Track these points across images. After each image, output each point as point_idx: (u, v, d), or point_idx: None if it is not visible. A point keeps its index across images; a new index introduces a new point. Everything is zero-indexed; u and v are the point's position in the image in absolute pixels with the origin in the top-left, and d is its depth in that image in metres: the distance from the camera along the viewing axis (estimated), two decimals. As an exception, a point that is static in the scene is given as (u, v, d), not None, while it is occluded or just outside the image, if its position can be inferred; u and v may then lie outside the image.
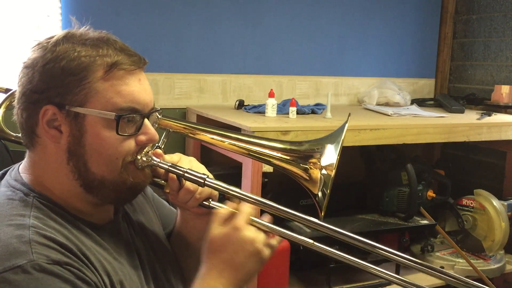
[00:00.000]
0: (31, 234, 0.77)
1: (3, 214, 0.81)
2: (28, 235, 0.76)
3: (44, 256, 0.75)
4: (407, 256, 0.89)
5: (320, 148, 1.00)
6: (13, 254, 0.74)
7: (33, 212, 0.81)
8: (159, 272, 1.00)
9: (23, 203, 0.83)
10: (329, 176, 0.97)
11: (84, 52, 0.83)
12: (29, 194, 0.85)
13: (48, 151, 0.86)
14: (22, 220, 0.79)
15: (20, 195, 0.85)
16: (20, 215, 0.80)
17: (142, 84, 0.88)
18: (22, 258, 0.73)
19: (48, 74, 0.83)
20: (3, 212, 0.81)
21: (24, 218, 0.80)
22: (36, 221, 0.80)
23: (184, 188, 0.96)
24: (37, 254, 0.74)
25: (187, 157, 1.00)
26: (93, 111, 0.83)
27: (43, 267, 0.73)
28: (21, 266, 0.72)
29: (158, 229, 1.09)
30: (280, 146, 1.03)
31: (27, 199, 0.84)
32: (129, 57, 0.86)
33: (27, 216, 0.80)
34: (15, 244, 0.75)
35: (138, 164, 0.89)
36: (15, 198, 0.84)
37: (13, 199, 0.84)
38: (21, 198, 0.84)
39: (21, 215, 0.80)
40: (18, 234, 0.76)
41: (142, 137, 0.89)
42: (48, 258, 0.75)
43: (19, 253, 0.74)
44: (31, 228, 0.78)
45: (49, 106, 0.83)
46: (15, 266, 0.72)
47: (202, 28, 2.39)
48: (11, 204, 0.83)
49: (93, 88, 0.83)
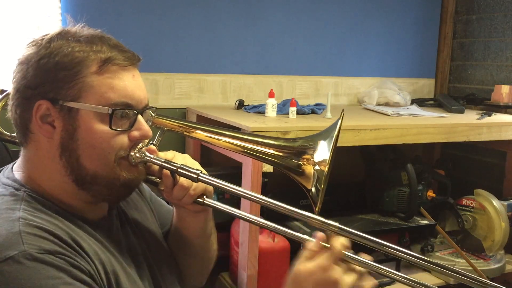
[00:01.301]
0: (21, 226, 0.77)
1: None
2: (18, 227, 0.76)
3: (35, 246, 0.75)
4: (413, 253, 0.88)
5: (313, 144, 1.00)
6: (4, 245, 0.74)
7: (23, 206, 0.82)
8: (155, 270, 1.00)
9: (14, 197, 0.83)
10: (322, 172, 0.97)
11: (78, 47, 0.84)
12: (19, 189, 0.85)
13: (41, 146, 0.86)
14: (12, 213, 0.79)
15: (11, 190, 0.85)
16: (10, 209, 0.80)
17: (136, 80, 0.88)
18: (13, 249, 0.73)
19: (42, 70, 0.83)
20: None
21: (14, 212, 0.80)
22: (26, 213, 0.80)
23: (178, 185, 0.96)
24: (28, 245, 0.74)
25: (181, 154, 1.00)
26: (87, 106, 0.83)
27: (35, 257, 0.73)
28: (13, 256, 0.72)
29: (154, 227, 1.09)
30: (274, 143, 1.04)
31: (18, 193, 0.84)
32: (123, 53, 0.87)
33: (17, 209, 0.80)
34: (6, 236, 0.75)
35: (132, 160, 0.89)
36: (6, 193, 0.84)
37: (4, 195, 0.84)
38: (11, 193, 0.84)
39: (11, 209, 0.80)
40: (8, 226, 0.77)
41: (136, 133, 0.89)
42: (40, 248, 0.75)
43: (10, 244, 0.74)
44: (20, 219, 0.78)
45: (43, 101, 0.83)
46: (6, 257, 0.72)
47: (202, 28, 2.39)
48: (2, 200, 0.83)
49: (87, 83, 0.83)
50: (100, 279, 0.82)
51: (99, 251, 0.85)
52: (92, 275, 0.80)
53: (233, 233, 1.99)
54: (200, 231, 1.08)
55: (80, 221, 0.87)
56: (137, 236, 1.01)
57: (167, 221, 1.14)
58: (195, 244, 1.10)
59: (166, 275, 1.03)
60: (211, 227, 1.11)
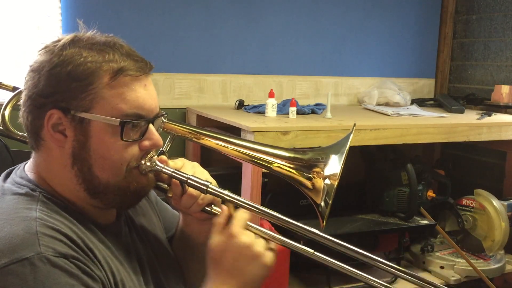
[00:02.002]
0: (38, 226, 0.77)
1: (10, 207, 0.81)
2: (35, 227, 0.77)
3: (51, 249, 0.75)
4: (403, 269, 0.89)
5: (324, 158, 1.00)
6: (20, 245, 0.74)
7: (39, 206, 0.82)
8: (161, 277, 1.00)
9: (30, 197, 0.84)
10: (332, 186, 0.96)
11: (91, 57, 0.83)
12: (35, 189, 0.85)
13: (53, 154, 0.86)
14: (29, 213, 0.79)
15: (26, 190, 0.85)
16: (27, 208, 0.81)
17: (147, 90, 0.88)
18: (29, 250, 0.73)
19: (54, 79, 0.83)
20: (10, 206, 0.82)
21: (31, 211, 0.80)
22: (43, 214, 0.80)
23: (187, 194, 0.96)
24: (44, 247, 0.74)
25: (190, 163, 1.00)
26: (98, 117, 0.83)
27: (50, 260, 0.73)
28: (28, 258, 0.73)
29: (160, 233, 1.09)
30: (284, 154, 1.03)
31: (34, 194, 0.84)
32: (135, 63, 0.86)
33: (33, 209, 0.81)
34: (22, 235, 0.75)
35: (142, 169, 0.89)
36: (22, 192, 0.85)
37: (20, 194, 0.84)
38: (27, 193, 0.84)
39: (28, 208, 0.81)
40: (25, 225, 0.77)
41: (146, 142, 0.89)
42: (55, 251, 0.75)
43: (26, 244, 0.74)
44: (37, 219, 0.78)
45: (55, 110, 0.83)
46: (22, 258, 0.73)
47: (202, 28, 2.39)
48: (18, 199, 0.83)
49: (99, 94, 0.83)
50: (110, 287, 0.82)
51: (108, 259, 0.85)
52: (103, 283, 0.80)
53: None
54: (206, 239, 1.07)
55: (92, 225, 0.87)
56: (144, 242, 1.01)
57: (172, 225, 1.14)
58: (200, 251, 1.09)
59: (171, 283, 1.03)
60: None
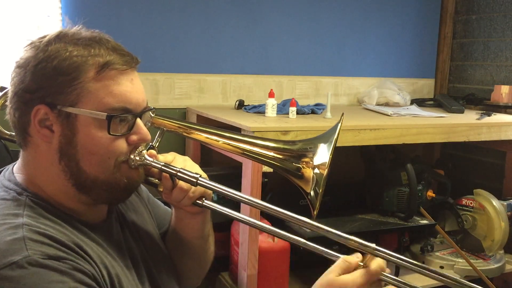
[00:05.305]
0: (24, 232, 0.77)
1: None
2: (21, 233, 0.77)
3: (39, 252, 0.75)
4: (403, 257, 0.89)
5: (313, 148, 1.00)
6: (8, 251, 0.74)
7: (26, 211, 0.82)
8: (154, 272, 1.00)
9: (16, 203, 0.83)
10: (321, 175, 0.97)
11: (76, 52, 0.83)
12: (22, 194, 0.85)
13: (40, 150, 0.86)
14: (15, 219, 0.79)
15: (13, 194, 0.85)
16: (13, 215, 0.80)
17: (134, 84, 0.88)
18: (17, 254, 0.74)
19: (40, 74, 0.83)
20: None
21: (17, 218, 0.80)
22: (29, 219, 0.80)
23: (177, 187, 0.96)
24: (32, 251, 0.75)
25: (181, 157, 1.00)
26: (85, 111, 0.83)
27: (39, 262, 0.74)
28: (17, 262, 0.73)
29: (152, 229, 1.09)
30: (274, 145, 1.04)
31: (20, 198, 0.84)
32: (121, 57, 0.86)
33: (20, 215, 0.80)
34: (10, 242, 0.75)
35: (131, 164, 0.89)
36: (8, 198, 0.84)
37: (6, 199, 0.84)
38: (14, 198, 0.84)
39: (14, 215, 0.80)
40: (12, 232, 0.77)
41: (134, 136, 0.89)
42: (43, 253, 0.75)
43: (14, 250, 0.74)
44: (24, 226, 0.78)
45: (41, 105, 0.83)
46: (11, 262, 0.73)
47: (202, 28, 2.39)
48: (4, 204, 0.83)
49: (85, 88, 0.83)
50: (104, 282, 0.82)
51: (102, 255, 0.85)
52: (96, 278, 0.80)
53: (233, 233, 1.99)
54: (198, 233, 1.08)
55: (81, 224, 0.87)
56: (136, 238, 1.01)
57: (165, 222, 1.15)
58: (192, 245, 1.10)
59: (164, 278, 1.03)
60: (209, 228, 1.11)
